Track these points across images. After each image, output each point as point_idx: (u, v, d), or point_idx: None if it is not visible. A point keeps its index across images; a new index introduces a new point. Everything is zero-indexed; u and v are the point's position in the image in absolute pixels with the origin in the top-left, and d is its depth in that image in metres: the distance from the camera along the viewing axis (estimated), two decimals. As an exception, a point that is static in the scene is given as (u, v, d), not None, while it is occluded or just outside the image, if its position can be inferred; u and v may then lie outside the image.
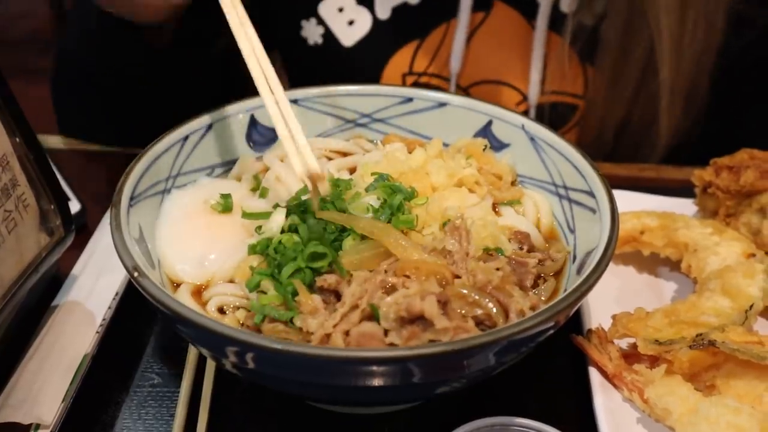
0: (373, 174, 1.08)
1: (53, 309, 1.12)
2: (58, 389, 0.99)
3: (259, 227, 1.01)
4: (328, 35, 1.64)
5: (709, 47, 1.52)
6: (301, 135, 1.03)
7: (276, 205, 1.03)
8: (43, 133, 1.63)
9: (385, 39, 1.63)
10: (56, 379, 1.00)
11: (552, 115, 1.64)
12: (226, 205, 1.06)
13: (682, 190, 1.34)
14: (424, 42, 1.63)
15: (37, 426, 0.95)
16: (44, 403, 0.97)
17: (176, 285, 0.99)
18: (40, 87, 3.79)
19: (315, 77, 1.66)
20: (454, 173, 1.09)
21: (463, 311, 0.86)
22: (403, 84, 1.66)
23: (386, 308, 0.85)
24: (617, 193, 1.02)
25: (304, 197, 1.03)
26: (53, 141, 1.66)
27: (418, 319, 0.83)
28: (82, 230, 1.31)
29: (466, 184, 1.10)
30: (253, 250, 0.98)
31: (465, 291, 0.88)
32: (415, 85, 1.66)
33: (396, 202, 1.01)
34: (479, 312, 0.87)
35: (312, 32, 1.65)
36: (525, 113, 1.61)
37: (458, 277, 0.92)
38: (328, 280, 0.91)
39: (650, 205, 1.25)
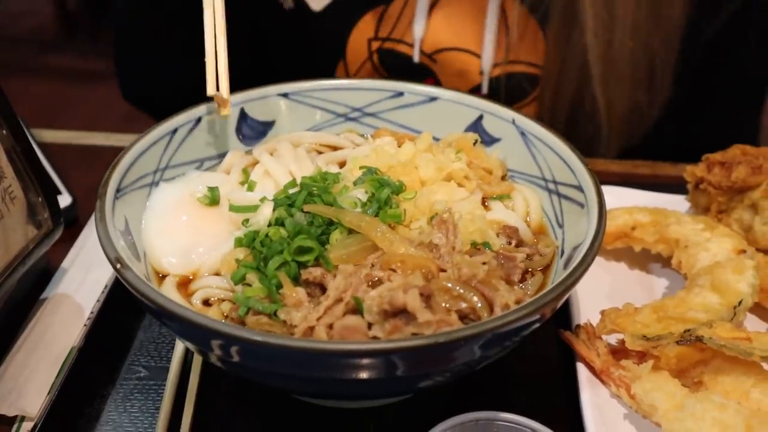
0: (361, 167, 1.07)
1: (42, 302, 1.12)
2: (44, 381, 0.99)
3: (246, 220, 1.01)
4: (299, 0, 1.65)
5: (665, 28, 1.51)
6: (224, 57, 1.08)
7: (263, 199, 1.03)
8: (42, 128, 1.64)
9: (352, 4, 1.64)
10: (43, 371, 1.01)
11: (509, 85, 1.64)
12: (212, 198, 1.06)
13: (677, 186, 1.33)
14: (389, 7, 1.64)
15: (22, 418, 0.95)
16: (30, 395, 0.97)
17: (162, 277, 0.99)
18: (40, 84, 3.81)
19: (288, 43, 1.67)
20: (443, 167, 1.08)
21: (448, 305, 0.86)
22: (369, 49, 1.66)
23: (370, 301, 0.85)
24: (610, 189, 1.01)
25: (291, 191, 1.03)
26: (49, 135, 1.65)
27: (401, 313, 0.83)
28: (72, 224, 1.31)
29: (455, 179, 1.09)
30: (239, 242, 0.98)
31: (449, 284, 0.87)
32: (380, 50, 1.67)
33: (383, 195, 1.01)
34: (463, 306, 0.86)
35: None
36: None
37: (444, 270, 0.91)
38: (314, 273, 0.91)
39: (643, 201, 1.24)
